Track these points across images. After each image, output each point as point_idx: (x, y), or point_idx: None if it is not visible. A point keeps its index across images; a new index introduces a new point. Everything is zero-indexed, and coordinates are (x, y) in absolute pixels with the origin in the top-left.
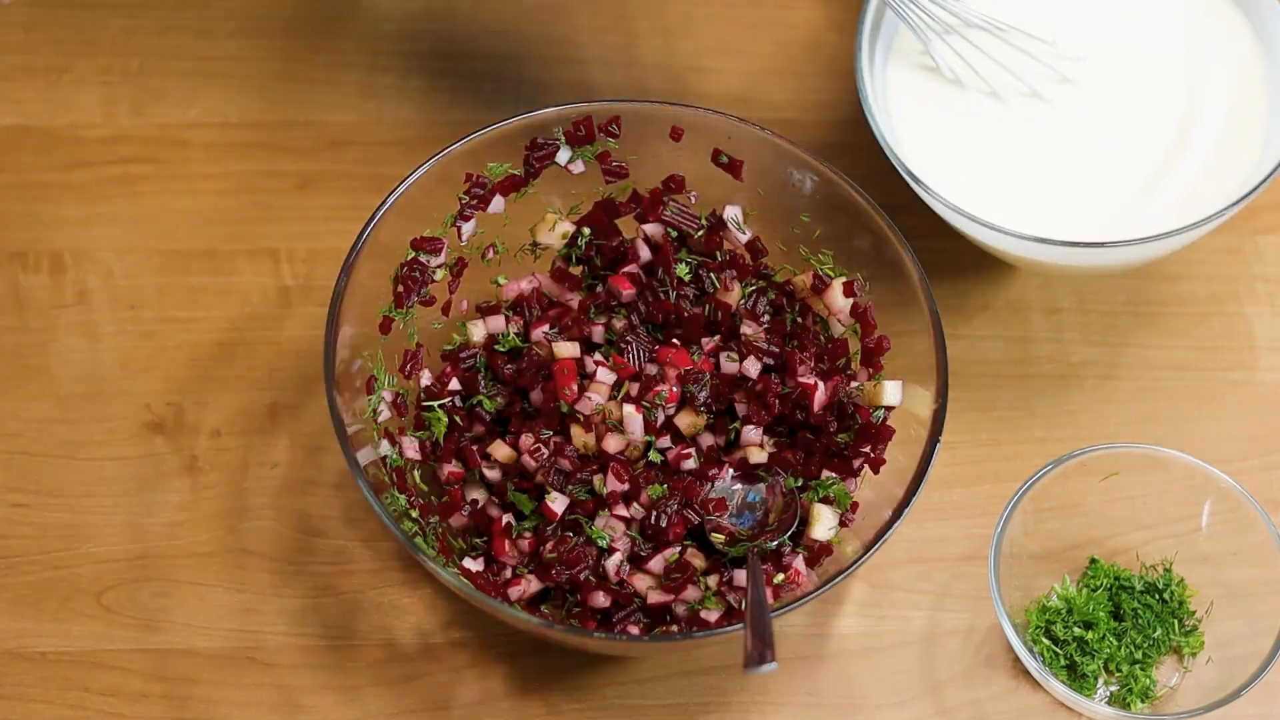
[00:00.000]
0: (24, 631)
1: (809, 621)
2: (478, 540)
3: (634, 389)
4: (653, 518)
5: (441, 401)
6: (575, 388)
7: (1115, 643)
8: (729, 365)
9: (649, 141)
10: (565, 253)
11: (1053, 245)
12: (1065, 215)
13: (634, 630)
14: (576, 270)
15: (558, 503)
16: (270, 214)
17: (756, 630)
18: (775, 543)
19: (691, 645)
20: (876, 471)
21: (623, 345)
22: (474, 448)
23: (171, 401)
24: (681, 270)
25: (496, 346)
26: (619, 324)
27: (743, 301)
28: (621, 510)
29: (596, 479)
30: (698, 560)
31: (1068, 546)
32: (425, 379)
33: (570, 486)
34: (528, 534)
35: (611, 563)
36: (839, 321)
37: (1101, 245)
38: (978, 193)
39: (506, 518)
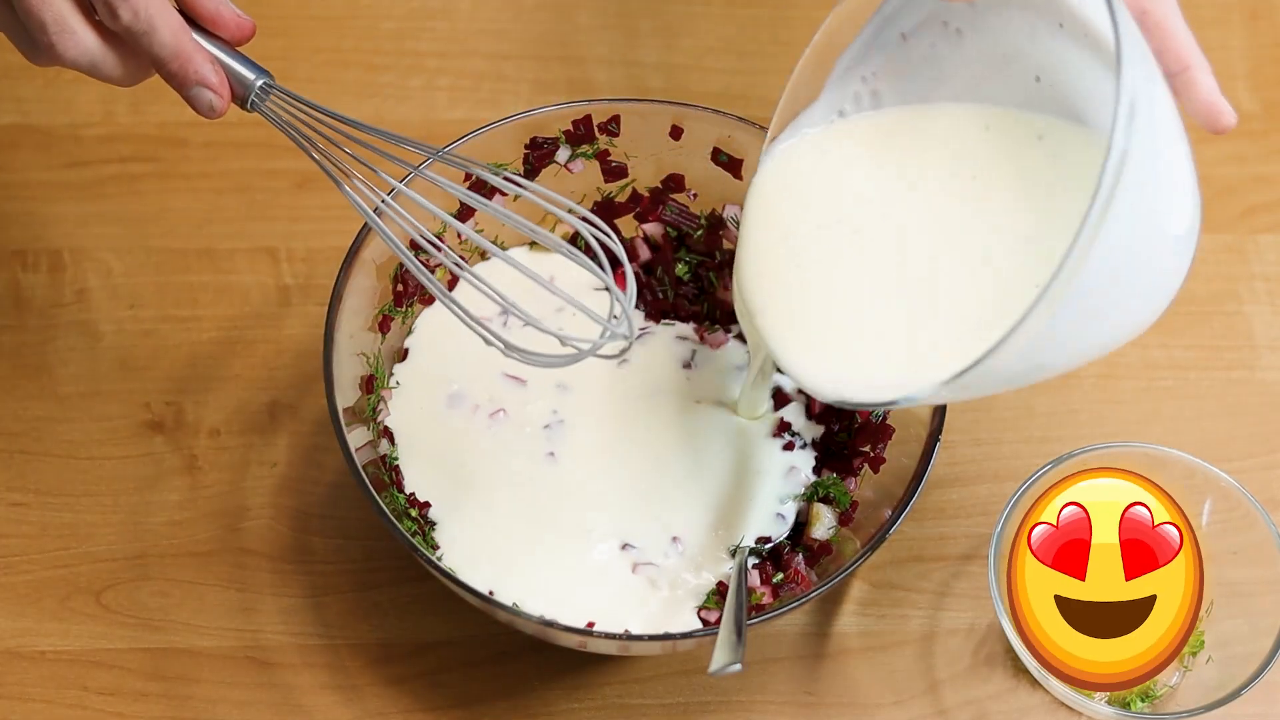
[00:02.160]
0: (24, 631)
1: (809, 621)
2: None
3: None
4: None
5: None
6: None
7: None
8: None
9: (649, 141)
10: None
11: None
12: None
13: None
14: None
15: None
16: (269, 213)
17: (727, 629)
18: (773, 543)
19: (691, 645)
20: (876, 471)
21: None
22: None
23: (171, 401)
24: (681, 269)
25: None
26: None
27: None
28: None
29: None
30: None
31: None
32: None
33: None
34: None
35: None
36: None
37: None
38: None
39: None
